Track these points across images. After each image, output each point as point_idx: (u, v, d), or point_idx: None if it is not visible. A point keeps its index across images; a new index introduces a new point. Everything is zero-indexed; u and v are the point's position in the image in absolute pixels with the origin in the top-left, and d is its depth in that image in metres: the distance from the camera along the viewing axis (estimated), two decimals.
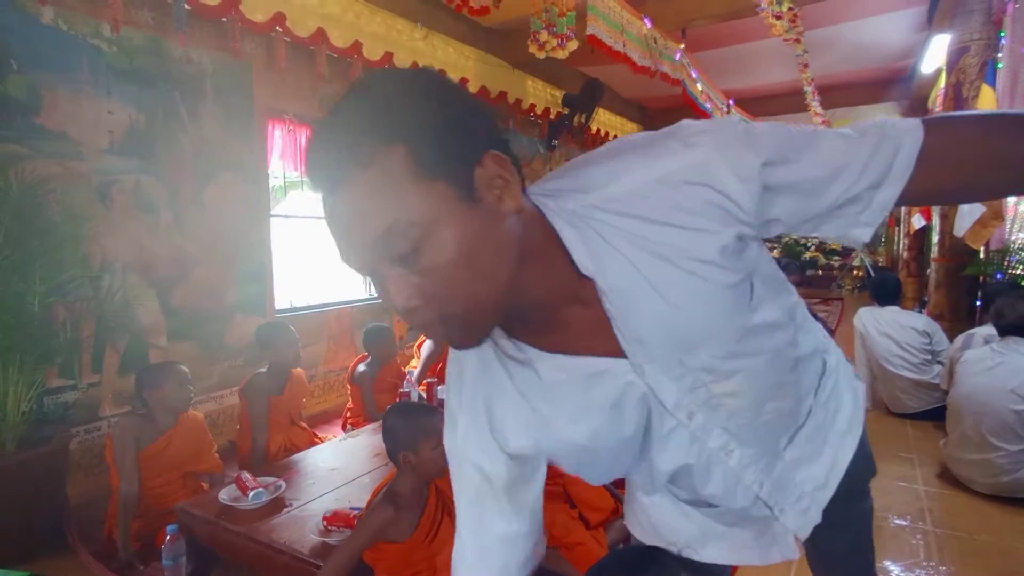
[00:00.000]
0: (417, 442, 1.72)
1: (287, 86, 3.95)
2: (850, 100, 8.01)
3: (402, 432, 1.76)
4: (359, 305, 4.69)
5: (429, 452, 1.72)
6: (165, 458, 2.49)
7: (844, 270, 11.84)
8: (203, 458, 2.65)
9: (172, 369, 2.51)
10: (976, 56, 3.97)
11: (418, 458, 1.72)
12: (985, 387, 2.78)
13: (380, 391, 3.54)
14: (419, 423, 1.75)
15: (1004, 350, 2.82)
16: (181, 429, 2.54)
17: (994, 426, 2.73)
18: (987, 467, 2.76)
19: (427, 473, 1.76)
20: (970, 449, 2.83)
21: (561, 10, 2.75)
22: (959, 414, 2.90)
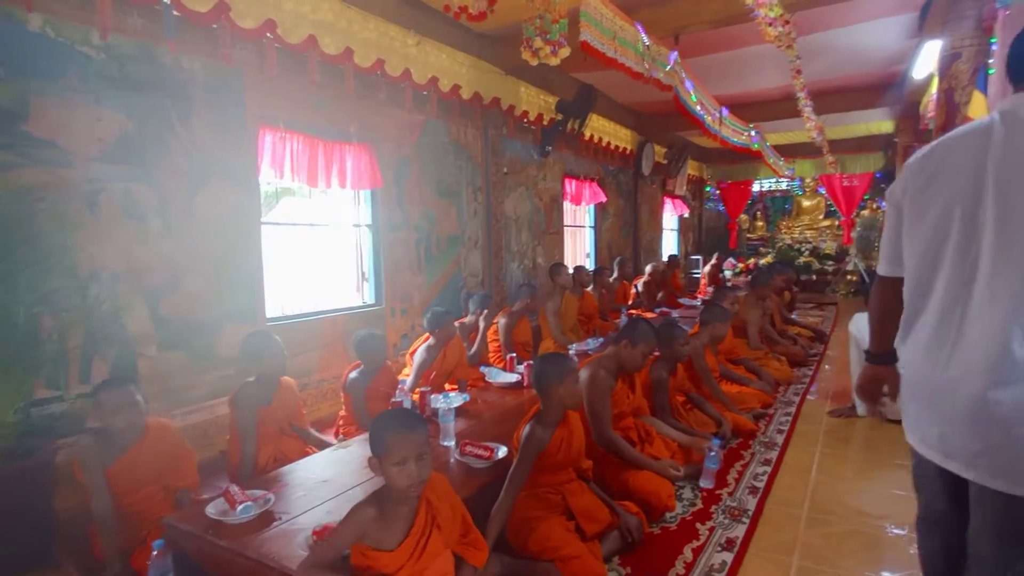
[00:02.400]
0: (380, 453, 1.72)
1: (278, 93, 3.92)
2: (843, 105, 8.04)
3: (373, 439, 1.77)
4: (352, 312, 4.65)
5: (389, 467, 1.70)
6: (137, 473, 2.41)
7: (838, 275, 11.86)
8: (180, 471, 2.58)
9: (120, 388, 2.39)
10: (968, 62, 3.98)
11: (383, 470, 1.72)
12: None
13: (373, 399, 3.51)
14: (385, 436, 1.73)
15: None
16: (149, 442, 2.46)
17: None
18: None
19: (391, 485, 1.73)
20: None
21: (554, 17, 2.74)
22: None
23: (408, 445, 1.69)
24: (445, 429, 2.83)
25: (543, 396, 2.37)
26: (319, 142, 4.20)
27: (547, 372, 2.35)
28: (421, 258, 5.22)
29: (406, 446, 1.69)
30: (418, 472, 1.71)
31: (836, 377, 5.22)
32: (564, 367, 2.36)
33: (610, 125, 8.29)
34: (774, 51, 4.32)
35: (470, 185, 5.80)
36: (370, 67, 4.29)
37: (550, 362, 2.38)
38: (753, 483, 3.05)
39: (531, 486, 2.35)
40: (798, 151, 11.22)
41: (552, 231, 7.30)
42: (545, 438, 2.28)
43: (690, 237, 13.47)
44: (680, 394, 3.73)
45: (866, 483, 3.10)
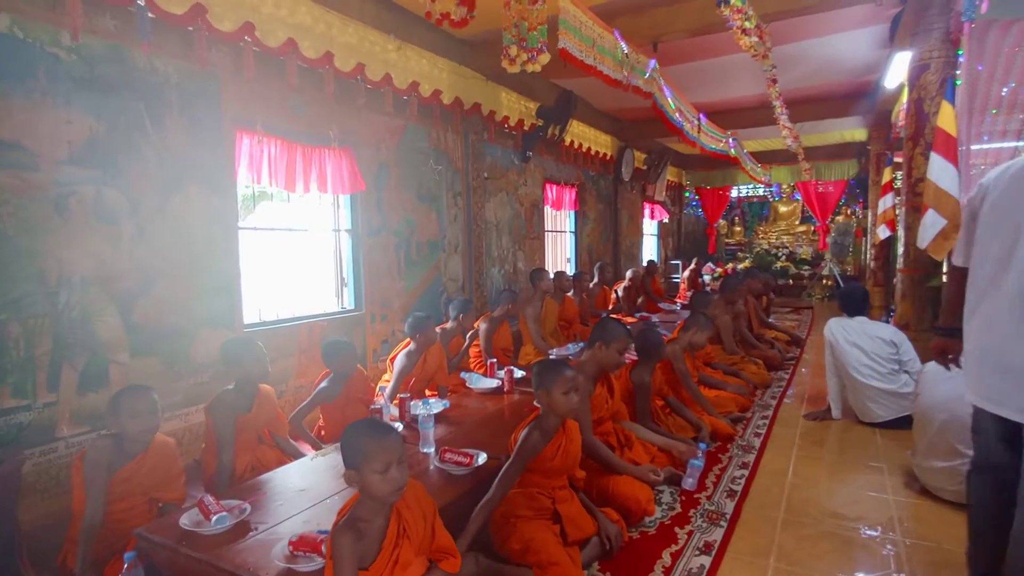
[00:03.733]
0: (360, 464, 1.68)
1: (256, 96, 3.88)
2: (817, 114, 8.20)
3: (348, 450, 1.73)
4: (331, 318, 4.60)
5: (371, 475, 1.68)
6: (133, 483, 2.41)
7: (814, 279, 12.07)
8: (170, 485, 2.55)
9: (143, 394, 2.42)
10: (936, 73, 4.09)
11: (361, 479, 1.68)
12: (947, 395, 2.84)
13: (347, 405, 3.48)
14: (364, 444, 1.71)
15: None
16: (152, 454, 2.46)
17: (960, 433, 2.78)
18: (954, 475, 2.80)
19: (373, 495, 1.70)
20: (937, 457, 2.89)
21: (531, 24, 2.75)
22: (925, 423, 2.95)
23: (388, 451, 1.68)
24: (425, 436, 2.81)
25: (540, 402, 2.39)
26: (297, 146, 4.16)
27: (538, 378, 2.36)
28: (401, 263, 5.19)
29: (387, 452, 1.67)
30: (400, 477, 1.70)
31: (812, 380, 5.30)
32: (554, 374, 2.33)
33: (590, 131, 8.35)
34: (750, 60, 4.39)
35: (450, 190, 5.79)
36: (350, 71, 4.27)
37: (544, 369, 2.38)
38: (731, 486, 3.08)
39: (522, 484, 2.35)
40: (774, 158, 11.41)
41: (533, 236, 7.32)
42: (541, 443, 2.29)
43: (670, 242, 13.60)
44: (659, 398, 3.76)
45: (840, 485, 3.15)
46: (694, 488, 3.03)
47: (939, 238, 3.74)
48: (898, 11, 4.88)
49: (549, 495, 2.34)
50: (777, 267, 12.41)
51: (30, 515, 2.76)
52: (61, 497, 2.80)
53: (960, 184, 3.76)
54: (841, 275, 11.51)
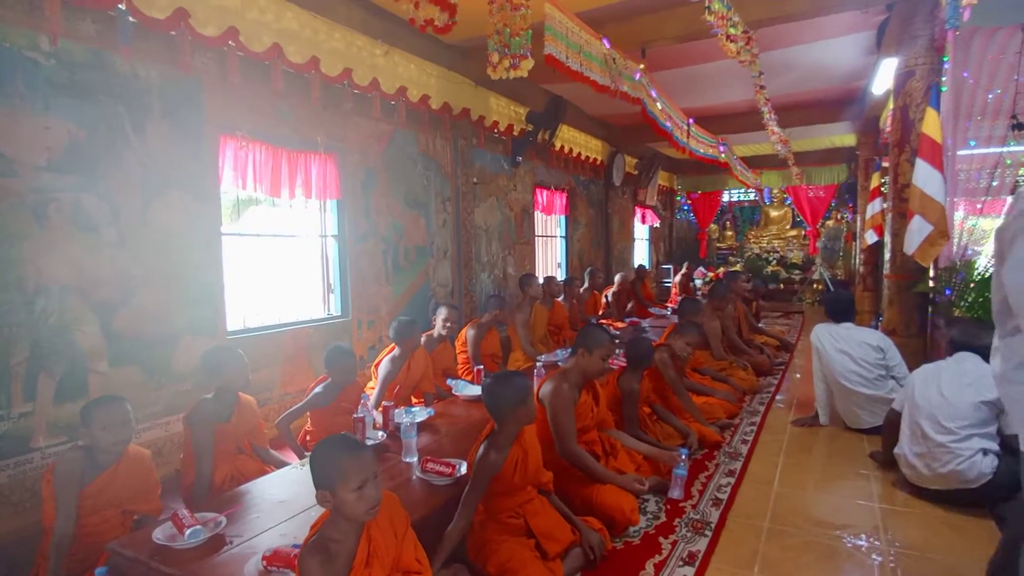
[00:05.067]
0: (334, 483, 1.63)
1: (241, 102, 3.85)
2: (806, 120, 8.23)
3: (320, 470, 1.67)
4: (317, 325, 4.57)
5: (347, 495, 1.62)
6: (106, 495, 2.36)
7: (804, 284, 12.11)
8: (146, 497, 2.51)
9: (115, 405, 2.37)
10: (921, 80, 4.10)
11: (336, 499, 1.63)
12: (939, 386, 2.97)
13: (337, 415, 3.44)
14: (339, 463, 1.65)
15: (958, 359, 3.05)
16: (125, 466, 2.42)
17: (948, 414, 2.89)
18: (938, 456, 2.88)
19: (348, 515, 1.66)
20: (923, 440, 2.96)
21: (514, 31, 2.74)
22: (915, 411, 3.03)
23: (364, 467, 1.64)
24: (407, 445, 2.78)
25: (498, 418, 2.30)
26: (283, 151, 4.13)
27: (504, 394, 2.27)
28: (389, 269, 5.16)
29: (363, 469, 1.63)
30: (376, 494, 1.66)
31: (801, 386, 5.29)
32: (520, 386, 2.30)
33: (581, 136, 8.35)
34: (739, 66, 4.40)
35: (439, 195, 5.77)
36: (337, 76, 4.25)
37: (504, 383, 2.30)
38: (717, 495, 3.07)
39: (491, 511, 2.31)
40: (765, 163, 11.45)
41: (523, 241, 7.31)
42: (499, 461, 2.23)
43: (661, 247, 13.62)
44: (646, 406, 3.74)
45: (827, 493, 3.14)
46: (680, 497, 3.01)
47: (925, 244, 3.75)
48: (884, 18, 4.91)
49: (518, 514, 2.30)
50: (768, 271, 12.45)
51: (3, 528, 2.71)
52: (35, 510, 2.75)
53: (945, 190, 3.77)
54: (831, 279, 11.55)
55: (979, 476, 2.79)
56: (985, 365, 2.91)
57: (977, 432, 2.82)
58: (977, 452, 2.80)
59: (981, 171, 4.16)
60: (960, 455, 2.81)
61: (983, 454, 2.81)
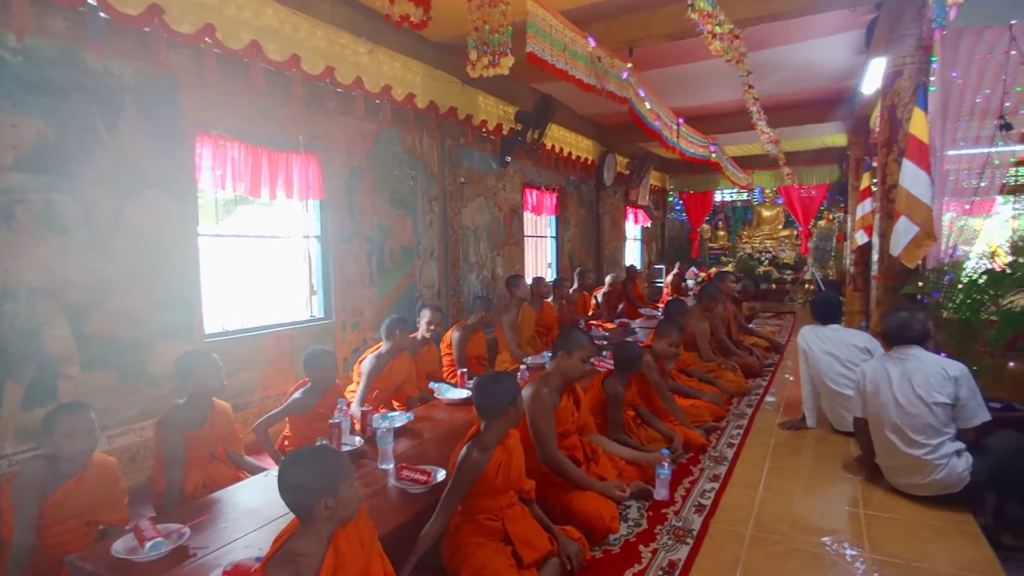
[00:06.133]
0: (335, 486, 1.62)
1: (219, 99, 3.78)
2: (796, 119, 8.21)
3: (315, 479, 1.63)
4: (300, 327, 4.50)
5: (347, 490, 1.64)
6: (69, 506, 2.29)
7: (796, 284, 12.10)
8: (112, 507, 2.44)
9: (78, 412, 2.30)
10: (909, 80, 4.07)
11: (337, 501, 1.62)
12: (898, 392, 2.92)
13: (316, 420, 3.37)
14: (330, 465, 1.65)
15: (899, 357, 3.01)
16: (90, 475, 2.35)
17: (914, 424, 2.85)
18: (918, 468, 2.86)
19: (343, 516, 1.66)
20: (897, 453, 2.92)
21: (493, 27, 2.68)
22: (878, 422, 3.00)
23: (350, 480, 1.66)
24: (383, 451, 2.72)
25: (487, 417, 2.28)
26: (263, 151, 4.06)
27: (497, 393, 2.26)
28: (374, 270, 5.10)
29: (352, 483, 1.66)
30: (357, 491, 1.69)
31: (791, 388, 5.25)
32: (512, 386, 2.29)
33: (571, 135, 8.30)
34: (728, 65, 4.36)
35: (425, 195, 5.71)
36: (319, 75, 4.19)
37: (497, 382, 2.29)
38: (700, 500, 3.02)
39: (469, 512, 2.26)
40: (757, 163, 11.43)
41: (512, 242, 7.25)
42: (482, 462, 2.19)
43: (653, 247, 13.60)
44: (630, 409, 3.69)
45: (812, 499, 3.09)
46: (666, 498, 2.96)
47: (911, 245, 3.72)
48: (873, 17, 4.88)
49: (497, 517, 2.25)
50: (760, 271, 12.44)
51: None
52: None
53: (932, 191, 3.74)
54: (823, 280, 11.55)
55: (959, 480, 2.78)
56: (929, 359, 2.92)
57: (945, 437, 2.80)
58: (951, 456, 2.78)
59: (970, 171, 4.13)
60: (937, 465, 2.80)
61: (956, 456, 2.79)
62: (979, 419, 2.80)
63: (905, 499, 2.97)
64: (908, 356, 2.98)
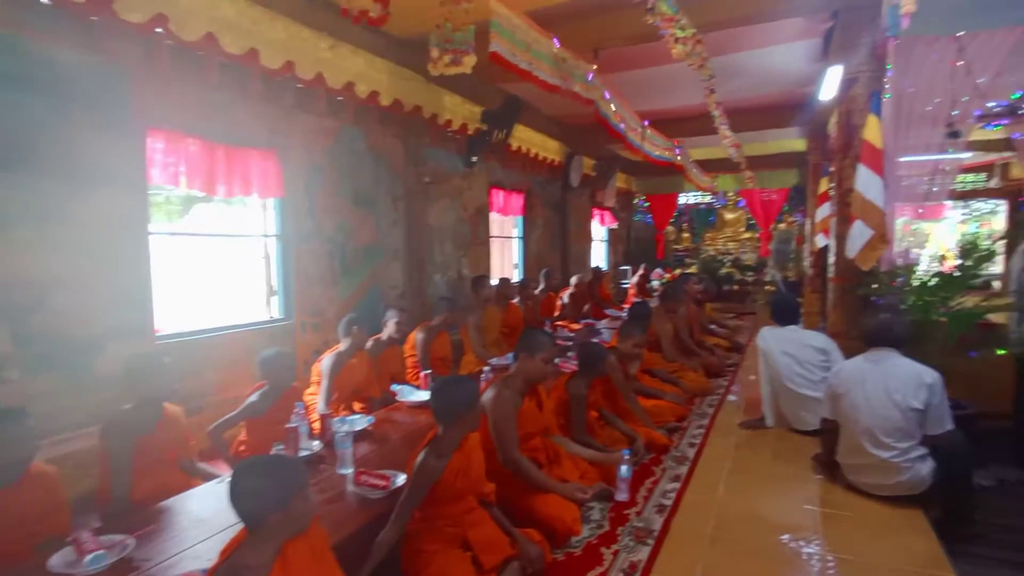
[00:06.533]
0: (289, 498, 1.56)
1: (171, 93, 3.65)
2: (757, 124, 8.36)
3: (269, 491, 1.56)
4: (258, 328, 4.38)
5: (301, 502, 1.59)
6: (5, 518, 2.15)
7: (757, 285, 12.36)
8: (53, 518, 2.30)
9: (11, 421, 2.17)
10: (863, 87, 4.18)
11: (290, 514, 1.56)
12: (872, 393, 2.97)
13: (274, 424, 3.28)
14: (285, 476, 1.59)
15: (876, 359, 3.05)
16: (27, 486, 2.21)
17: (885, 427, 2.90)
18: (885, 470, 2.91)
19: (295, 529, 1.61)
20: (866, 454, 2.96)
21: (456, 25, 2.64)
22: (854, 421, 3.02)
23: (305, 493, 1.61)
24: (342, 456, 2.66)
25: (446, 423, 2.24)
26: (219, 147, 3.94)
27: (453, 397, 2.23)
28: (335, 270, 5.00)
29: (305, 494, 1.61)
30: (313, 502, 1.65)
31: (752, 387, 5.34)
32: (471, 391, 2.25)
33: (538, 136, 8.30)
34: (691, 70, 4.41)
35: (389, 194, 5.63)
36: (278, 69, 4.07)
37: (454, 386, 2.26)
38: (662, 501, 3.04)
39: (428, 518, 2.22)
40: (720, 166, 11.61)
41: (478, 242, 7.21)
42: (439, 469, 2.15)
43: (619, 248, 13.72)
44: (594, 410, 3.70)
45: (771, 497, 3.14)
46: (627, 499, 2.97)
47: (866, 248, 3.81)
48: (830, 26, 5.00)
49: (457, 523, 2.22)
50: (723, 273, 12.67)
51: None
52: None
53: (886, 196, 3.84)
54: (783, 281, 11.82)
55: (921, 483, 2.86)
56: (905, 364, 2.97)
57: (914, 441, 2.87)
58: (916, 460, 2.86)
59: (921, 177, 4.26)
60: (904, 467, 2.87)
61: (921, 460, 2.86)
62: (945, 427, 2.87)
63: (860, 496, 3.04)
64: (886, 359, 3.02)
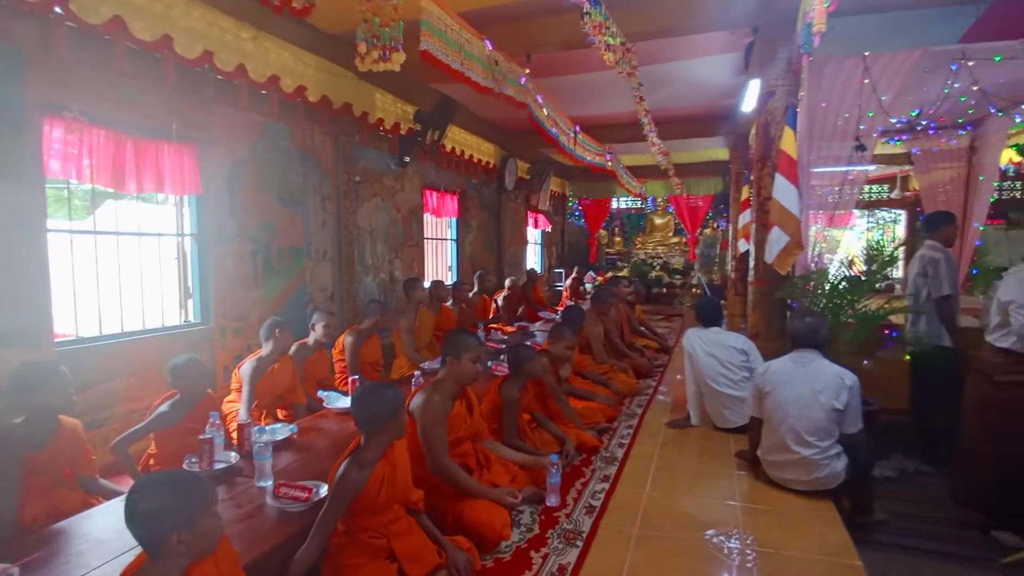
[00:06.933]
0: (194, 517, 1.46)
1: (72, 79, 3.37)
2: (685, 133, 8.68)
3: (170, 510, 1.45)
4: (172, 333, 4.12)
5: (207, 521, 1.50)
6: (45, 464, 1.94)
7: (685, 288, 12.81)
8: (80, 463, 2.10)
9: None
10: (780, 100, 4.40)
11: (195, 533, 1.47)
12: (797, 394, 3.10)
13: (188, 435, 3.08)
14: (189, 493, 1.50)
15: (801, 360, 3.18)
16: (62, 435, 2.02)
17: (810, 426, 3.03)
18: (805, 466, 3.05)
19: (200, 550, 1.50)
20: (788, 451, 3.08)
21: (384, 20, 2.57)
22: (778, 420, 3.13)
23: (211, 511, 1.53)
24: (260, 467, 2.52)
25: (368, 432, 2.17)
26: (128, 139, 3.67)
27: (374, 406, 2.15)
28: (259, 271, 4.77)
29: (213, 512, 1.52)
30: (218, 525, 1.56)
31: (680, 387, 5.50)
32: (392, 399, 2.18)
33: (473, 139, 8.27)
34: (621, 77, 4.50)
35: (318, 194, 5.44)
36: (195, 59, 3.84)
37: (375, 394, 2.18)
38: (591, 502, 3.06)
39: (351, 530, 2.14)
40: (649, 172, 11.97)
41: (411, 244, 7.09)
42: (361, 479, 2.07)
43: (554, 251, 13.88)
44: (526, 413, 3.70)
45: (696, 495, 3.23)
46: (557, 504, 2.98)
47: (782, 254, 4.00)
48: (751, 41, 5.24)
49: (382, 534, 2.15)
50: (652, 276, 13.05)
51: None
52: None
53: (801, 204, 4.05)
54: (708, 285, 12.31)
55: (836, 478, 3.03)
56: (827, 366, 3.13)
57: (833, 439, 3.04)
58: (833, 458, 3.02)
59: (832, 187, 4.52)
60: (822, 464, 3.02)
61: (837, 457, 3.02)
62: (859, 426, 3.05)
63: (778, 491, 3.18)
64: (811, 361, 3.16)
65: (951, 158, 6.28)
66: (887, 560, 2.82)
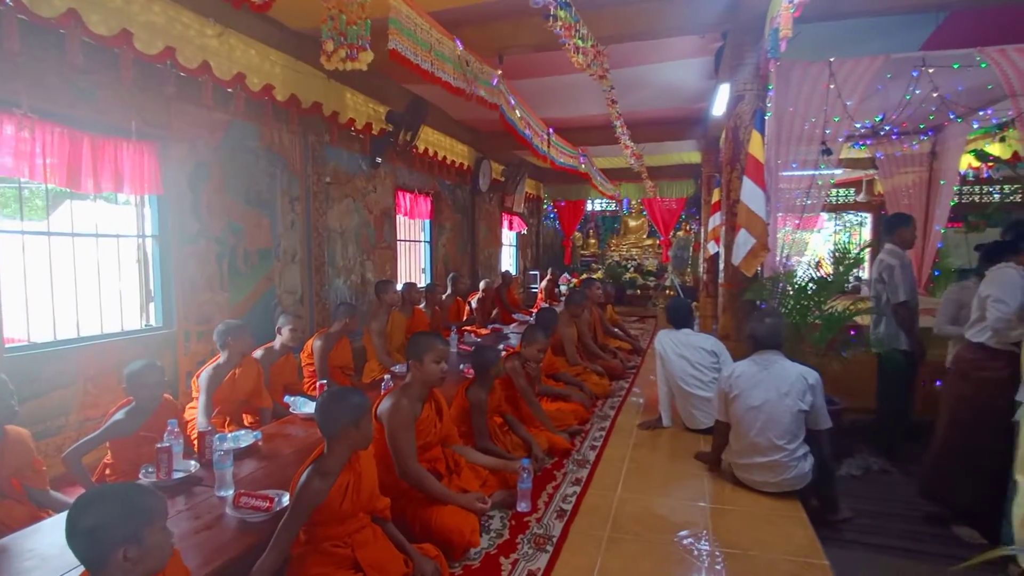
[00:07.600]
0: (141, 532, 1.40)
1: (22, 73, 3.24)
2: (657, 136, 8.75)
3: (115, 525, 1.38)
4: (132, 337, 3.98)
5: (155, 537, 1.43)
6: None
7: (658, 290, 12.92)
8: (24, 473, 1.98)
9: None
10: (749, 104, 4.45)
11: (142, 550, 1.40)
12: (764, 396, 3.11)
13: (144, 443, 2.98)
14: (136, 507, 1.42)
15: (764, 362, 3.19)
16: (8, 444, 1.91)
17: (778, 430, 3.05)
18: (775, 468, 3.06)
19: (147, 568, 1.44)
20: (759, 453, 3.10)
21: (350, 18, 2.52)
22: (747, 424, 3.14)
23: (160, 525, 1.46)
24: (220, 476, 2.44)
25: (329, 439, 2.11)
26: (84, 136, 3.55)
27: (337, 413, 2.09)
28: (224, 274, 4.65)
29: (163, 528, 1.46)
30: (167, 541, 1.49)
31: (652, 389, 5.52)
32: (356, 405, 2.12)
33: (446, 140, 8.22)
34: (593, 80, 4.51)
35: (286, 195, 5.34)
36: (156, 55, 3.73)
37: (338, 400, 2.12)
38: (562, 505, 3.04)
39: (314, 540, 2.08)
40: (623, 175, 12.07)
41: (383, 245, 7.01)
42: (323, 488, 2.01)
43: (528, 253, 13.88)
44: (497, 416, 3.67)
45: (665, 496, 3.23)
46: (528, 509, 2.95)
47: (749, 256, 4.04)
48: (720, 45, 5.30)
49: (346, 543, 2.09)
50: (626, 278, 13.14)
51: None
52: None
53: (768, 207, 4.10)
54: (681, 286, 12.44)
55: (804, 478, 3.06)
56: (789, 366, 3.16)
57: (800, 440, 3.06)
58: (800, 459, 3.04)
59: (799, 190, 4.59)
60: (792, 466, 3.04)
61: (804, 458, 3.05)
62: (825, 424, 3.08)
63: (744, 491, 3.20)
64: (774, 362, 3.17)
65: (913, 163, 6.44)
66: (854, 558, 2.86)
